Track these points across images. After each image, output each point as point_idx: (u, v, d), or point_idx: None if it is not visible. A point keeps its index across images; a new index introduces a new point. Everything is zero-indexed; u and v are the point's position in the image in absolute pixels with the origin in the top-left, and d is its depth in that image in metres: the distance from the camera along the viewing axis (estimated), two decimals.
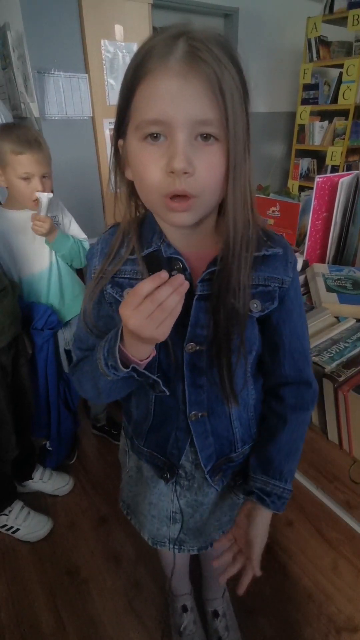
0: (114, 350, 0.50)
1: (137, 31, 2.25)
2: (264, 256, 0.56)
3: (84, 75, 2.17)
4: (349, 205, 1.25)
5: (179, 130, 0.42)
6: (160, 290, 0.44)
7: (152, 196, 0.47)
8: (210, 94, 0.41)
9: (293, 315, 0.61)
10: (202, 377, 0.60)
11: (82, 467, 1.62)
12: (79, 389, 0.64)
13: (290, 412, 0.65)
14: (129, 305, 0.45)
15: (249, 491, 0.65)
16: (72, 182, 2.31)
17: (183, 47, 0.41)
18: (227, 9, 3.09)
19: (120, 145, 0.50)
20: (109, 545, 1.33)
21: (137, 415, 0.69)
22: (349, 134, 3.14)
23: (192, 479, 0.71)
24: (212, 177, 0.45)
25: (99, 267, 0.57)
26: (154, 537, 0.79)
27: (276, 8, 3.32)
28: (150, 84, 0.42)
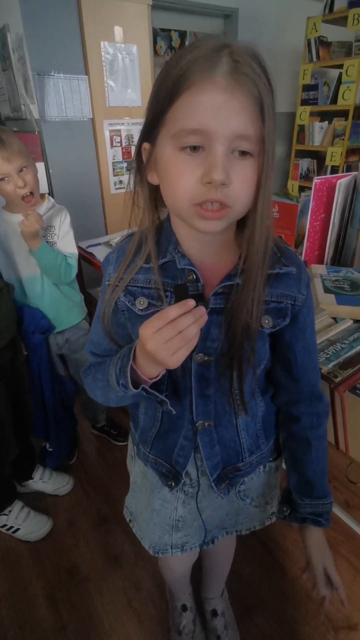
0: (125, 370, 0.52)
1: (137, 32, 2.26)
2: (278, 274, 0.56)
3: (83, 77, 2.17)
4: (347, 207, 1.25)
5: (219, 142, 0.43)
6: (183, 318, 0.45)
7: (182, 204, 0.47)
8: (252, 111, 0.43)
9: (306, 332, 0.61)
10: (210, 387, 0.61)
11: (82, 467, 1.63)
12: (90, 392, 0.65)
13: (311, 433, 0.67)
14: (150, 327, 0.46)
15: (302, 518, 0.67)
16: (72, 183, 2.32)
17: (227, 61, 0.41)
18: (227, 10, 3.09)
19: (144, 148, 0.50)
20: (108, 544, 1.34)
21: (145, 422, 0.70)
22: (349, 134, 3.14)
23: (197, 486, 0.71)
24: (246, 190, 0.46)
25: (115, 275, 0.57)
26: (155, 546, 0.79)
27: (276, 8, 3.32)
28: (195, 95, 0.42)
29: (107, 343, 0.62)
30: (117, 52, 2.23)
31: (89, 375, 0.65)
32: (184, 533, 0.77)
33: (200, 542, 0.79)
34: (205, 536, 0.78)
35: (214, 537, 0.80)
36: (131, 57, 2.29)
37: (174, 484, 0.69)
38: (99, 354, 0.65)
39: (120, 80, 2.29)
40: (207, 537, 0.79)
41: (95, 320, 0.63)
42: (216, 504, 0.74)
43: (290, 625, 1.12)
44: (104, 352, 0.64)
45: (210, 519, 0.76)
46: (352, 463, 0.80)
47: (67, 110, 2.17)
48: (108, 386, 0.57)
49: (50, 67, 2.07)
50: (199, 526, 0.76)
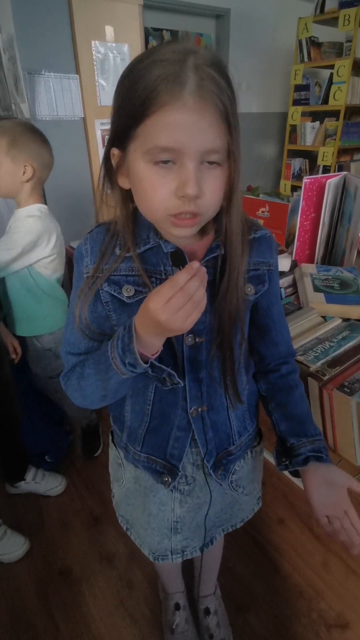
0: (131, 347, 0.50)
1: (128, 32, 2.26)
2: (253, 239, 0.60)
3: (74, 76, 2.17)
4: (337, 206, 1.26)
5: (190, 158, 0.46)
6: (191, 282, 0.45)
7: (158, 214, 0.50)
8: (219, 125, 0.46)
9: (278, 295, 0.66)
10: (202, 370, 0.61)
11: (74, 468, 1.62)
12: (76, 395, 0.61)
13: (291, 377, 0.70)
14: (160, 299, 0.46)
15: (305, 459, 0.63)
16: (63, 182, 2.31)
17: (193, 78, 0.43)
18: (219, 10, 3.10)
19: (113, 153, 0.52)
20: (101, 545, 1.34)
21: (132, 420, 0.68)
22: (340, 134, 3.16)
23: (192, 482, 0.71)
24: (216, 198, 0.50)
25: (93, 266, 0.57)
26: (155, 552, 0.79)
27: (267, 8, 3.33)
28: (165, 115, 0.44)
29: (87, 340, 0.60)
30: (108, 51, 2.23)
31: (72, 378, 0.60)
32: (183, 536, 0.76)
33: (200, 544, 0.79)
34: (204, 537, 0.78)
35: (213, 538, 0.80)
36: (122, 56, 2.29)
37: (171, 479, 0.68)
38: (79, 353, 0.61)
39: (112, 79, 2.28)
40: (207, 537, 0.79)
41: (70, 319, 0.60)
42: (212, 500, 0.74)
43: (283, 623, 1.12)
44: (85, 350, 0.61)
45: (207, 517, 0.76)
46: (341, 460, 0.80)
47: (58, 109, 2.17)
48: (106, 376, 0.54)
49: (40, 66, 2.06)
50: (197, 526, 0.76)
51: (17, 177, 1.16)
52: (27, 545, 1.32)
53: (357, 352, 0.83)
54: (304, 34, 3.15)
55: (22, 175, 1.16)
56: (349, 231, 1.24)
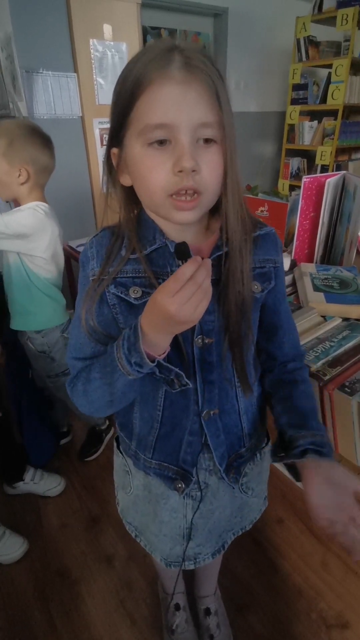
0: (137, 346, 0.50)
1: (126, 31, 2.25)
2: (258, 237, 0.60)
3: (72, 75, 2.16)
4: (336, 206, 1.26)
5: (183, 133, 0.46)
6: (198, 273, 0.46)
7: (157, 197, 0.49)
8: (209, 99, 0.46)
9: (284, 294, 0.66)
10: (213, 372, 0.61)
11: (73, 468, 1.62)
12: (82, 402, 0.59)
13: (297, 373, 0.68)
14: (168, 292, 0.45)
15: (303, 451, 0.57)
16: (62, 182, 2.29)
17: (179, 58, 0.45)
18: (217, 9, 3.09)
19: (113, 153, 0.52)
20: (100, 545, 1.33)
21: (141, 427, 0.67)
22: (338, 133, 3.16)
23: (205, 488, 0.70)
24: (215, 176, 0.49)
25: (99, 270, 0.57)
26: (167, 558, 0.77)
27: (265, 8, 3.33)
28: (153, 91, 0.45)
29: (93, 345, 0.59)
30: (106, 49, 2.22)
31: (77, 384, 0.59)
32: (195, 542, 0.75)
33: (213, 550, 0.78)
34: (216, 542, 0.78)
35: (225, 542, 0.80)
36: (120, 54, 2.28)
37: (184, 486, 0.66)
38: (85, 358, 0.60)
39: (110, 78, 2.28)
40: (218, 542, 0.78)
41: (76, 323, 0.59)
42: (223, 504, 0.73)
43: (283, 624, 1.12)
44: (91, 354, 0.59)
45: (218, 522, 0.75)
46: (341, 460, 0.80)
47: (56, 108, 2.16)
48: (114, 375, 0.53)
49: (38, 64, 2.05)
50: (209, 532, 0.75)
51: (12, 179, 1.15)
52: (26, 546, 1.31)
53: (357, 352, 0.82)
54: (302, 33, 3.15)
55: (18, 178, 1.16)
56: (348, 230, 1.24)
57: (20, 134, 1.13)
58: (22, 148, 1.13)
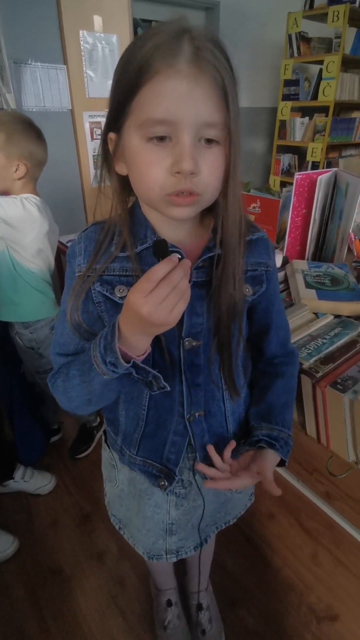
0: (112, 345, 0.48)
1: (117, 22, 2.21)
2: (250, 241, 0.59)
3: (62, 67, 2.12)
4: (328, 203, 1.26)
5: (186, 132, 0.43)
6: (173, 273, 0.44)
7: (153, 194, 0.48)
8: (216, 98, 0.43)
9: (277, 295, 0.66)
10: (200, 375, 0.60)
11: (64, 466, 1.61)
12: (62, 398, 0.59)
13: (281, 367, 0.69)
14: (141, 292, 0.44)
15: (256, 441, 0.63)
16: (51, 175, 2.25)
17: (188, 48, 0.41)
18: (208, 2, 3.06)
19: (110, 138, 0.50)
20: (92, 542, 1.33)
21: (127, 425, 0.67)
22: (329, 130, 3.17)
23: (189, 486, 0.70)
24: (214, 178, 0.47)
25: (86, 265, 0.55)
26: (150, 551, 0.78)
27: (257, 2, 3.30)
28: (158, 83, 0.42)
29: (77, 341, 0.58)
30: (96, 41, 2.18)
31: (58, 379, 0.58)
32: (178, 537, 0.76)
33: (195, 544, 0.79)
34: (199, 536, 0.78)
35: (207, 536, 0.80)
36: (111, 47, 2.24)
37: (167, 484, 0.67)
38: (67, 354, 0.59)
39: (100, 70, 2.24)
40: (201, 536, 0.79)
41: (61, 319, 0.58)
42: (206, 501, 0.73)
43: (274, 618, 1.14)
44: (74, 351, 0.59)
45: (202, 517, 0.75)
46: (333, 456, 0.81)
47: (45, 100, 2.12)
48: (91, 374, 0.52)
49: (27, 55, 2.01)
50: (192, 527, 0.76)
51: (9, 173, 1.13)
52: (16, 544, 1.30)
53: (349, 349, 0.83)
54: (294, 29, 3.14)
55: (14, 173, 1.13)
56: (340, 228, 1.24)
57: (17, 127, 1.10)
58: (20, 142, 1.11)
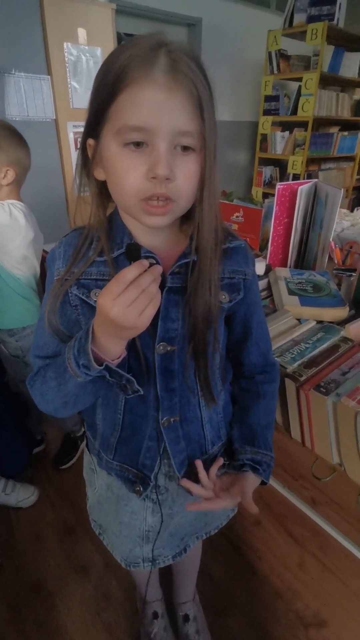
0: (85, 348, 0.49)
1: (101, 35, 2.25)
2: (228, 249, 0.59)
3: (46, 77, 2.14)
4: (309, 212, 1.30)
5: (161, 139, 0.44)
6: (142, 277, 0.45)
7: (129, 199, 0.48)
8: (191, 108, 0.45)
9: (257, 306, 0.66)
10: (175, 380, 0.60)
11: (47, 478, 1.57)
12: (40, 400, 0.59)
13: (262, 387, 0.69)
14: (109, 295, 0.45)
15: (241, 465, 0.65)
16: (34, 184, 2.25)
17: (165, 59, 0.43)
18: (191, 19, 3.15)
19: (89, 144, 0.51)
20: (76, 556, 1.30)
21: (104, 428, 0.67)
22: (308, 144, 3.27)
23: (165, 492, 0.70)
24: (189, 184, 0.48)
25: (64, 269, 0.56)
26: (127, 559, 0.77)
27: (238, 20, 3.41)
28: (135, 92, 0.43)
29: (56, 344, 0.58)
30: (80, 53, 2.21)
31: (36, 381, 0.59)
32: (155, 545, 0.75)
33: (174, 553, 0.78)
34: (177, 545, 0.77)
35: (187, 546, 0.79)
36: (95, 59, 2.27)
37: (142, 489, 0.67)
38: (46, 356, 0.60)
39: (85, 82, 2.27)
40: (180, 545, 0.78)
41: (41, 322, 0.59)
42: (185, 509, 0.73)
43: (262, 626, 1.13)
44: (52, 353, 0.59)
45: (180, 526, 0.75)
46: (318, 460, 0.82)
47: (29, 110, 2.13)
48: (65, 376, 0.52)
49: (10, 65, 2.02)
50: (170, 536, 0.75)
51: None
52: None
53: (331, 353, 0.85)
54: (274, 46, 3.24)
55: (2, 179, 1.13)
56: (321, 236, 1.27)
57: (3, 134, 1.11)
58: (8, 148, 1.11)
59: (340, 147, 3.62)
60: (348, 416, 0.68)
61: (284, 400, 0.81)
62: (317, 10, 2.93)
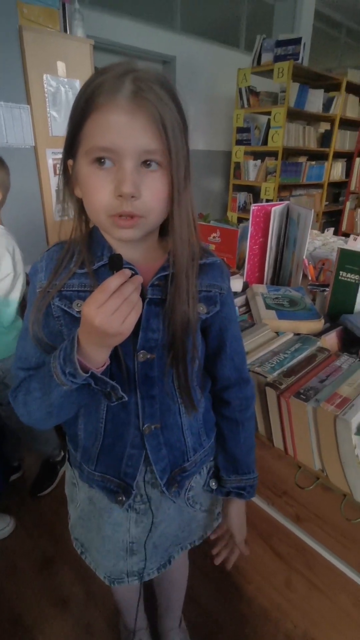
0: (71, 356, 0.50)
1: (80, 69, 2.34)
2: (204, 264, 0.62)
3: (25, 106, 2.19)
4: (282, 232, 1.36)
5: (126, 158, 0.47)
6: (125, 286, 0.47)
7: (100, 215, 0.51)
8: (153, 128, 0.47)
9: (232, 321, 0.68)
10: (155, 387, 0.61)
11: (24, 506, 1.51)
12: (23, 412, 0.59)
13: (240, 414, 0.72)
14: (94, 303, 0.47)
15: (227, 492, 0.75)
16: (13, 211, 2.26)
17: (129, 86, 0.46)
18: (165, 57, 3.33)
19: (69, 165, 0.54)
20: (55, 588, 1.24)
21: (86, 439, 0.67)
22: (279, 172, 3.44)
23: (148, 501, 0.69)
24: (156, 200, 0.51)
25: (47, 281, 0.57)
26: (111, 575, 0.75)
27: (209, 59, 3.63)
28: (100, 116, 0.47)
29: (39, 355, 0.59)
30: (60, 85, 2.28)
31: (19, 393, 0.60)
32: (139, 557, 0.73)
33: (158, 565, 0.76)
34: (162, 556, 0.76)
35: (171, 557, 0.78)
36: (74, 90, 2.35)
37: (125, 499, 0.66)
38: (29, 368, 0.60)
39: (64, 111, 2.33)
40: (164, 557, 0.76)
41: (23, 334, 0.60)
42: (168, 517, 0.72)
43: None
44: (35, 365, 0.60)
45: (164, 536, 0.74)
46: (301, 469, 0.83)
47: (8, 137, 2.16)
48: (51, 385, 0.53)
49: None
50: (154, 546, 0.74)
51: None
52: None
53: (309, 362, 0.87)
54: (244, 83, 3.45)
55: None
56: (294, 254, 1.33)
57: None
58: None
59: (309, 175, 3.83)
60: (328, 420, 0.70)
61: (266, 410, 0.82)
62: (283, 50, 3.15)
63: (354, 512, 0.77)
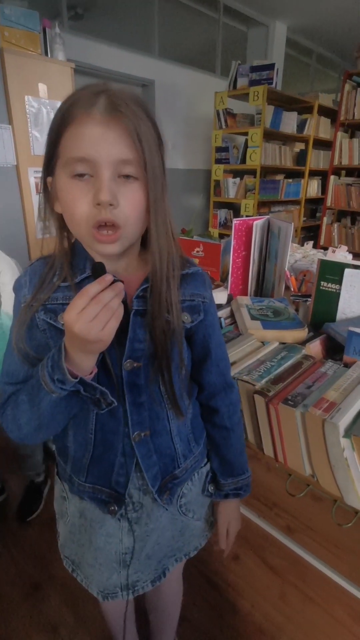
0: (59, 363, 0.51)
1: (61, 91, 2.38)
2: (187, 274, 0.64)
3: (7, 126, 2.21)
4: (264, 245, 1.40)
5: (102, 168, 0.49)
6: (104, 293, 0.48)
7: (80, 228, 0.52)
8: (128, 139, 0.49)
9: (215, 327, 0.69)
10: (142, 394, 0.62)
11: (8, 530, 1.45)
12: (12, 427, 0.59)
13: (229, 420, 0.74)
14: (74, 309, 0.47)
15: (225, 494, 0.78)
16: None
17: (104, 101, 0.48)
18: (144, 80, 3.43)
19: (49, 182, 0.55)
20: (43, 614, 1.19)
21: (75, 450, 0.67)
22: (258, 189, 3.54)
23: (140, 509, 0.69)
24: (133, 210, 0.52)
25: (30, 296, 0.58)
26: (104, 589, 0.73)
27: (187, 83, 3.76)
28: (76, 128, 0.48)
29: (26, 369, 0.59)
30: (41, 106, 2.32)
31: (7, 408, 0.59)
32: (133, 569, 0.72)
33: (152, 577, 0.75)
34: (156, 568, 0.74)
35: (165, 569, 0.76)
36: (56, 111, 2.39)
37: (117, 508, 0.66)
38: (17, 382, 0.60)
39: (45, 131, 2.35)
40: (158, 568, 0.75)
41: (9, 349, 0.60)
42: (161, 526, 0.72)
43: None
44: (23, 379, 0.60)
45: (157, 546, 0.73)
46: (291, 476, 0.84)
47: None
48: (40, 394, 0.53)
49: None
50: (147, 557, 0.72)
51: None
52: None
53: (296, 369, 0.89)
54: (221, 105, 3.57)
55: None
56: (276, 266, 1.37)
57: None
58: None
59: (287, 192, 3.95)
60: (316, 425, 0.72)
61: (255, 417, 0.83)
62: (257, 75, 3.29)
63: (345, 517, 0.78)
